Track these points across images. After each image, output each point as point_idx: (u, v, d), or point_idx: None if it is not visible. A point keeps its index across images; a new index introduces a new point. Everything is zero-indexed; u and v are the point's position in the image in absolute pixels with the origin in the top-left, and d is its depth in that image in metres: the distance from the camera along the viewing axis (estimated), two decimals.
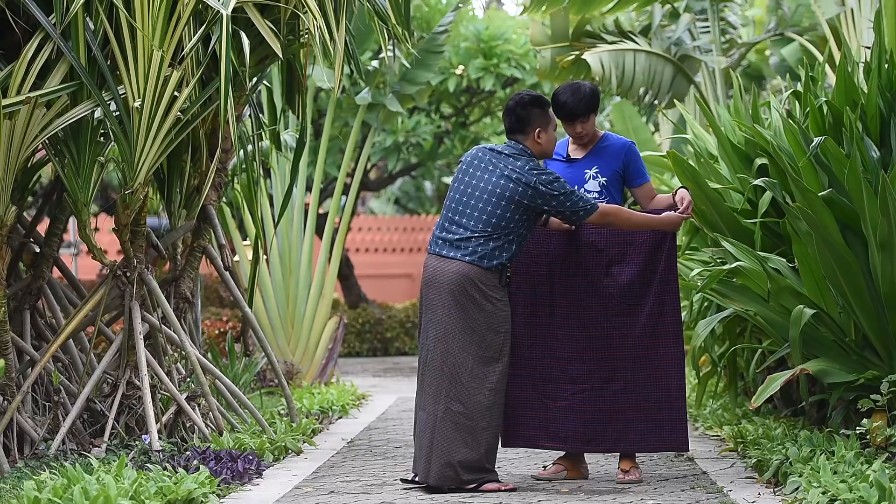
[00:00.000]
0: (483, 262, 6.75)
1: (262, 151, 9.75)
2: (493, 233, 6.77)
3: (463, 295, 6.75)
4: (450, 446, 6.73)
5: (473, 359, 6.75)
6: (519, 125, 6.92)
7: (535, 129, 6.92)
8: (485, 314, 6.77)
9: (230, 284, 8.99)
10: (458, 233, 6.80)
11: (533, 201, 6.76)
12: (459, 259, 6.77)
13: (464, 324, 6.75)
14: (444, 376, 6.77)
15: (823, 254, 6.99)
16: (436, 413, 6.78)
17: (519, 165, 6.82)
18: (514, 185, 6.77)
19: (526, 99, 6.95)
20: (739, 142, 8.26)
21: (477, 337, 6.76)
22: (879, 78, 7.34)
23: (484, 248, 6.76)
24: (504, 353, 6.82)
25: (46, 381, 8.10)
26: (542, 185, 6.77)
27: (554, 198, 6.77)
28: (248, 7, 8.05)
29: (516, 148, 6.90)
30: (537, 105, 6.94)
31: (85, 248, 9.53)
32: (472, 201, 6.82)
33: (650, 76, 12.76)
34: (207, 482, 6.48)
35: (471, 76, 17.25)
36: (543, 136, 6.94)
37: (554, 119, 7.01)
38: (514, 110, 6.93)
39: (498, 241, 6.77)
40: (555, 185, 6.78)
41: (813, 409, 8.14)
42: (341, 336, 12.93)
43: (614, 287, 7.08)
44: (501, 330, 6.81)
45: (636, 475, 7.09)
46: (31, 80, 7.40)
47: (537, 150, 6.94)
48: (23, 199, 8.68)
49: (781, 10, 14.75)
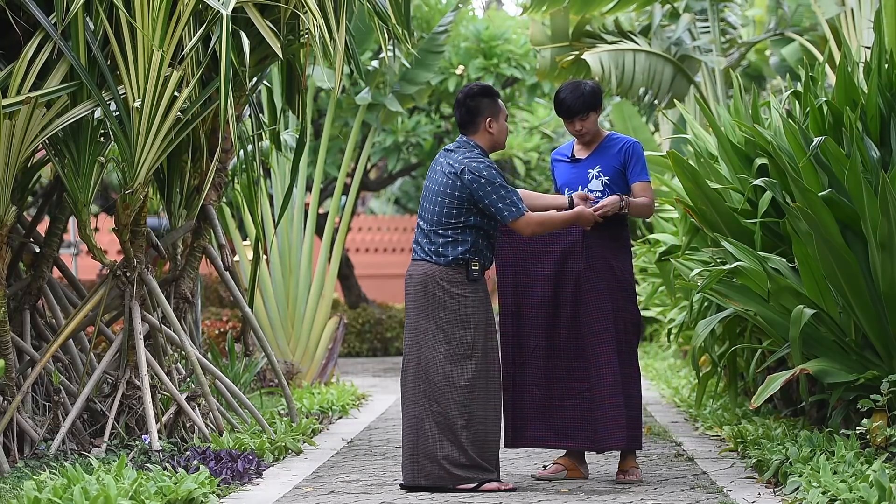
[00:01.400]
0: (441, 260, 6.83)
1: (262, 151, 9.75)
2: (440, 228, 6.84)
3: (426, 295, 6.84)
4: (434, 444, 6.78)
5: (444, 357, 6.80)
6: (469, 116, 6.97)
7: (486, 118, 6.96)
8: (449, 312, 6.82)
9: (230, 284, 8.99)
10: (420, 235, 6.94)
11: (464, 192, 6.81)
12: (422, 259, 6.89)
13: (431, 323, 6.83)
14: (418, 377, 6.84)
15: (823, 254, 6.99)
16: (415, 415, 6.83)
17: (456, 158, 6.89)
18: (447, 178, 6.86)
19: (474, 90, 7.00)
20: (739, 142, 8.26)
21: (445, 335, 6.81)
22: (879, 78, 7.34)
23: (436, 245, 6.84)
24: (477, 349, 6.83)
25: (46, 381, 8.10)
26: (470, 171, 6.80)
27: (481, 187, 6.79)
28: (248, 7, 8.05)
29: (461, 142, 6.98)
30: (485, 95, 6.98)
31: (85, 248, 9.53)
32: (427, 203, 6.93)
33: (650, 76, 12.76)
34: (207, 482, 6.48)
35: (471, 76, 17.24)
36: (494, 126, 6.97)
37: (504, 109, 7.05)
38: (463, 102, 6.99)
39: (448, 236, 6.83)
40: (484, 174, 6.80)
41: (813, 409, 8.14)
42: (341, 336, 12.92)
43: (602, 283, 7.12)
44: (470, 326, 6.83)
45: (636, 475, 7.10)
46: (31, 80, 7.40)
47: (489, 140, 6.98)
48: (23, 199, 8.68)
49: (781, 10, 14.75)
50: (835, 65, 9.61)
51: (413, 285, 6.89)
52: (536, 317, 7.17)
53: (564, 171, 7.27)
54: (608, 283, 7.15)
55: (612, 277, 7.16)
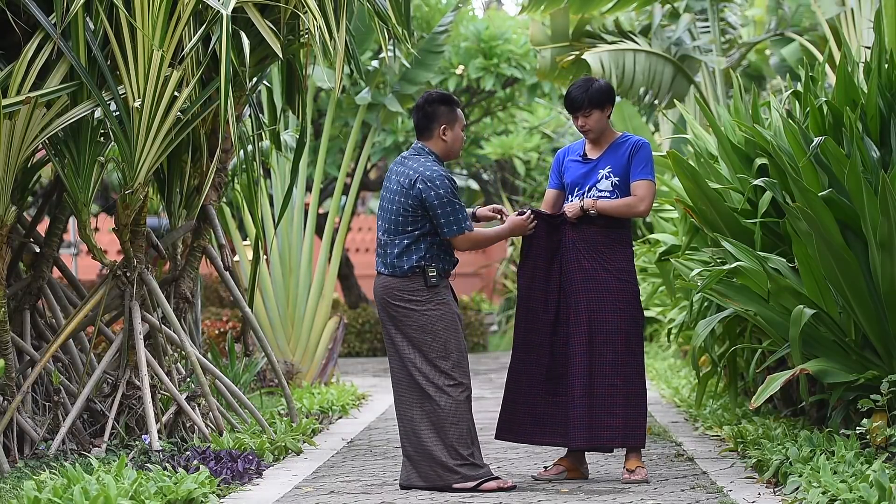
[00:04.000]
0: (396, 271, 6.85)
1: (262, 151, 9.75)
2: (395, 238, 6.85)
3: (389, 307, 6.87)
4: (432, 446, 6.79)
5: (423, 361, 6.84)
6: (425, 121, 6.95)
7: (441, 125, 6.94)
8: (413, 320, 6.83)
9: (230, 284, 8.99)
10: (378, 247, 6.95)
11: (416, 200, 6.80)
12: (382, 273, 6.91)
13: (401, 332, 6.86)
14: (407, 384, 6.87)
15: (823, 254, 6.99)
16: (412, 418, 6.85)
17: (411, 165, 6.88)
18: (399, 186, 6.85)
19: (433, 96, 6.99)
20: (739, 142, 8.26)
21: (416, 342, 6.84)
22: (879, 78, 7.34)
23: (391, 256, 6.85)
24: (451, 348, 6.84)
25: (46, 381, 8.10)
26: (424, 181, 6.78)
27: (432, 197, 6.77)
28: (248, 7, 8.05)
29: (416, 149, 6.97)
30: (444, 102, 6.96)
31: (85, 248, 9.53)
32: (382, 213, 6.93)
33: (650, 76, 12.76)
34: (207, 482, 6.48)
35: (471, 76, 17.25)
36: (449, 134, 6.95)
37: (462, 119, 7.03)
38: (421, 107, 6.97)
39: (401, 245, 6.83)
40: (437, 184, 6.78)
41: (813, 409, 8.14)
42: (341, 336, 12.92)
43: (605, 283, 7.13)
44: (439, 328, 6.83)
45: (642, 475, 7.08)
46: (31, 80, 7.40)
47: (442, 148, 6.96)
48: (23, 199, 8.68)
49: (781, 10, 14.76)
50: (835, 65, 9.62)
51: (377, 298, 6.94)
52: (545, 312, 7.19)
53: (575, 170, 7.27)
54: (611, 282, 7.15)
55: (614, 277, 7.16)
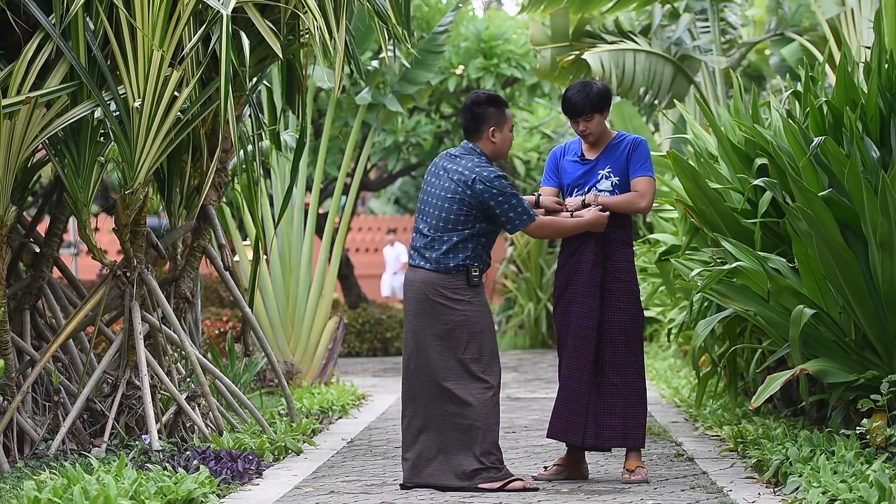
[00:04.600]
0: (441, 267, 6.83)
1: (262, 151, 9.75)
2: (444, 235, 6.84)
3: (428, 303, 6.84)
4: (455, 451, 6.77)
5: (454, 362, 6.82)
6: (474, 123, 6.96)
7: (490, 127, 6.95)
8: (452, 317, 6.83)
9: (230, 284, 8.99)
10: (420, 240, 6.93)
11: (473, 200, 6.81)
12: (423, 267, 6.88)
13: (437, 330, 6.83)
14: (431, 384, 6.85)
15: (823, 254, 6.99)
16: (431, 417, 6.83)
17: (463, 164, 6.89)
18: (455, 184, 6.85)
19: (482, 97, 7.00)
20: (739, 142, 8.26)
21: (452, 341, 6.83)
22: (879, 78, 7.34)
23: (438, 252, 6.84)
24: (485, 350, 6.85)
25: (46, 381, 8.10)
26: (481, 181, 6.80)
27: (492, 196, 6.80)
28: (248, 7, 8.05)
29: (466, 148, 6.97)
30: (492, 104, 6.97)
31: (85, 248, 9.52)
32: (429, 208, 6.92)
33: (650, 76, 12.76)
34: (207, 482, 6.48)
35: (471, 76, 17.24)
36: (498, 136, 6.97)
37: (510, 120, 7.04)
38: (469, 109, 6.99)
39: (450, 242, 6.83)
40: (495, 183, 6.81)
41: (813, 409, 8.14)
42: (341, 336, 12.92)
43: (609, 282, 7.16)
44: (476, 329, 6.84)
45: (642, 475, 7.08)
46: (31, 80, 7.40)
47: (491, 149, 6.98)
48: (23, 199, 8.68)
49: (781, 10, 14.76)
50: (835, 65, 9.61)
51: (413, 292, 6.89)
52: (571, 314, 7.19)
53: (573, 171, 7.27)
54: (614, 282, 7.15)
55: (617, 277, 7.16)
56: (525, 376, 14.73)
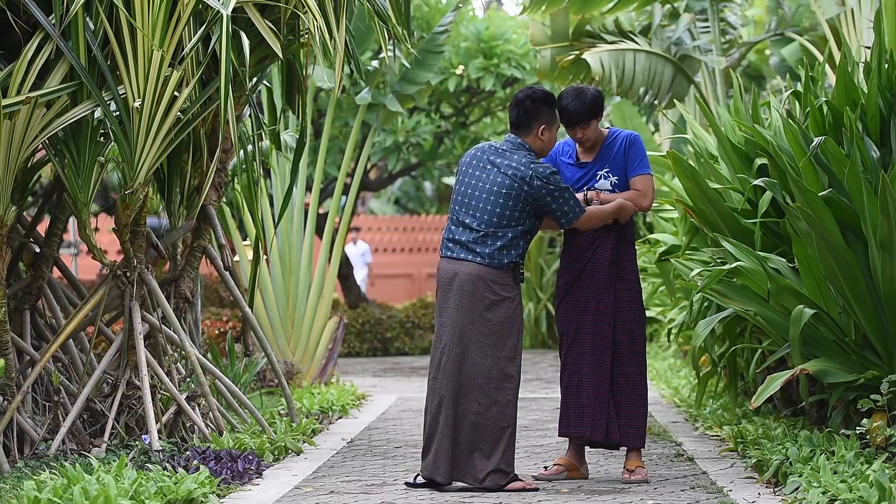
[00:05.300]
0: (494, 263, 6.79)
1: (262, 151, 9.75)
2: (499, 231, 6.80)
3: (476, 297, 6.78)
4: (475, 446, 6.75)
5: (491, 360, 6.79)
6: (525, 118, 6.94)
7: (540, 125, 6.95)
8: (500, 315, 6.80)
9: (230, 284, 8.99)
10: (466, 234, 6.84)
11: (530, 196, 6.80)
12: (471, 261, 6.80)
13: (479, 326, 6.78)
14: (462, 379, 6.79)
15: (823, 254, 6.99)
16: (456, 414, 6.78)
17: (516, 159, 6.86)
18: (510, 180, 6.81)
19: (538, 94, 6.99)
20: (739, 142, 8.26)
21: (493, 338, 6.79)
22: (879, 78, 7.34)
23: (493, 248, 6.79)
24: (518, 350, 6.87)
25: (46, 381, 8.10)
26: (539, 178, 6.80)
27: (549, 193, 6.81)
28: (248, 7, 8.05)
29: (515, 143, 6.94)
30: (547, 103, 6.98)
31: (85, 248, 9.52)
32: (475, 202, 6.84)
33: (650, 76, 12.76)
34: (207, 482, 6.48)
35: (471, 76, 17.24)
36: (546, 134, 6.98)
37: (558, 121, 7.05)
38: (522, 102, 6.96)
39: (504, 238, 6.80)
40: (551, 179, 6.82)
41: (813, 409, 8.14)
42: (341, 336, 12.93)
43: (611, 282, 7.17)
44: (515, 328, 6.85)
45: (642, 475, 7.09)
46: (31, 80, 7.40)
47: (538, 146, 6.97)
48: (23, 199, 8.68)
49: (781, 10, 14.76)
50: (835, 65, 9.61)
51: (459, 285, 6.80)
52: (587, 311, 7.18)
53: (571, 175, 7.26)
54: (619, 281, 7.16)
55: (622, 276, 7.16)
56: (525, 376, 14.72)
